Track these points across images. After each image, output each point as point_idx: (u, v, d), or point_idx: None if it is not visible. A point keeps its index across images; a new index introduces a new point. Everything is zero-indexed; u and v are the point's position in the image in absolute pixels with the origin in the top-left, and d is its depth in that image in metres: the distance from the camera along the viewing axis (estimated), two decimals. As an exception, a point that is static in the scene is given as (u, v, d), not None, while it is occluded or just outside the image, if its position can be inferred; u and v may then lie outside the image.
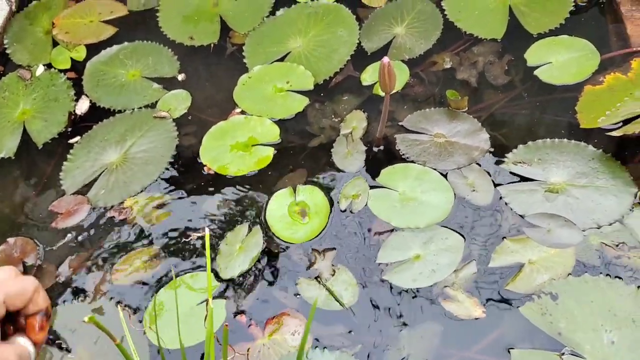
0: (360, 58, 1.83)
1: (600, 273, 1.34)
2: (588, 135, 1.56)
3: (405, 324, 1.34)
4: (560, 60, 1.70)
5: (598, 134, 1.55)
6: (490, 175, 1.52)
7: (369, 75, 1.77)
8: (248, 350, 1.33)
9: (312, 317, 1.00)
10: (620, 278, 1.33)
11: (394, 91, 1.72)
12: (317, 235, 1.49)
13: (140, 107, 1.81)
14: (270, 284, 1.44)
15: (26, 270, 1.53)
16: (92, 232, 1.58)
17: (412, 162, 1.58)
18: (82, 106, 1.84)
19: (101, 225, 1.59)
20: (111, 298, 1.46)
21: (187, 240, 1.51)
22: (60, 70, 1.94)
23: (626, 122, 1.54)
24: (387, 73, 1.35)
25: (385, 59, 1.33)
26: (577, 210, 1.43)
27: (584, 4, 1.83)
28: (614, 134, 1.49)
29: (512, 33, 1.79)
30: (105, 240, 1.56)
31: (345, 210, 1.53)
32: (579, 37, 1.73)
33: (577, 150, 1.52)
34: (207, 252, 0.90)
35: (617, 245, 1.38)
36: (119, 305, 1.41)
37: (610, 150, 1.52)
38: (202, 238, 1.50)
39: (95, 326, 0.82)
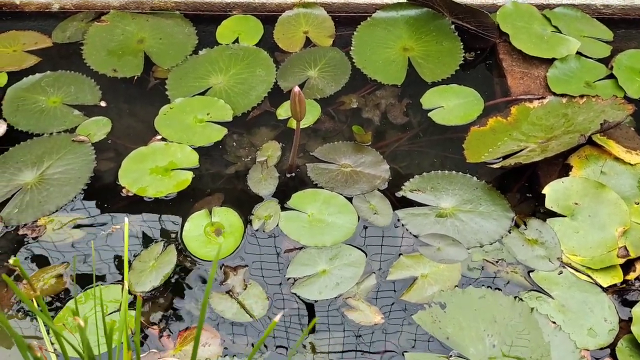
0: (277, 96, 1.98)
1: (483, 285, 1.51)
2: (473, 168, 1.77)
3: (311, 332, 1.44)
4: (450, 105, 1.94)
5: (481, 168, 1.77)
6: (389, 201, 1.69)
7: (284, 111, 1.92)
8: (158, 360, 1.37)
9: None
10: (499, 289, 1.51)
11: (306, 126, 1.89)
12: (232, 253, 1.58)
13: (60, 132, 1.85)
14: (183, 298, 1.50)
15: None
16: (3, 249, 1.58)
17: (321, 187, 1.72)
18: (-1, 129, 1.86)
19: (13, 243, 1.59)
20: (19, 311, 1.46)
21: (110, 230, 1.56)
22: (-21, 95, 1.96)
23: (505, 158, 1.77)
24: (298, 101, 1.51)
25: (296, 88, 1.49)
26: (463, 231, 1.61)
27: (472, 59, 2.10)
28: (494, 166, 1.71)
29: (410, 80, 2.02)
30: (16, 257, 1.56)
31: (258, 230, 1.63)
32: (467, 86, 1.98)
33: (464, 181, 1.72)
34: (126, 241, 0.97)
35: (496, 262, 1.56)
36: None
37: (492, 181, 1.73)
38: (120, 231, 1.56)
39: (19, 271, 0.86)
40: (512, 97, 1.96)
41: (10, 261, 0.86)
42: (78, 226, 1.63)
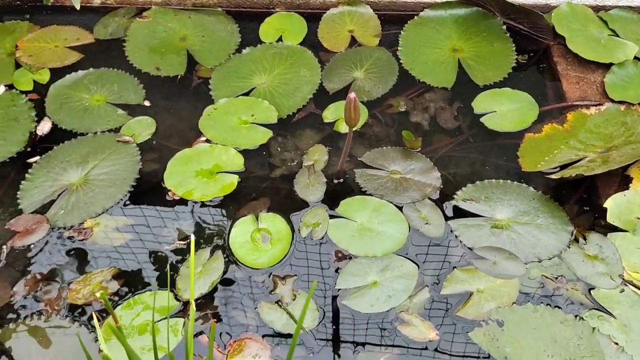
0: (322, 97, 1.93)
1: (542, 303, 1.45)
2: (528, 177, 1.70)
3: (362, 347, 1.39)
4: (503, 110, 1.87)
5: (537, 177, 1.70)
6: (441, 210, 1.63)
7: (331, 113, 1.87)
8: (208, 372, 1.34)
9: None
10: (559, 307, 1.44)
11: (353, 129, 1.83)
12: (280, 261, 1.54)
13: (104, 131, 1.83)
14: (232, 307, 1.47)
15: (-24, 288, 1.48)
16: (50, 251, 1.56)
17: (370, 195, 1.67)
18: (44, 127, 1.83)
19: (60, 245, 1.57)
20: (66, 316, 1.44)
21: (175, 245, 1.53)
22: (22, 92, 1.94)
23: (563, 167, 1.70)
24: (353, 108, 1.45)
25: (352, 94, 1.44)
26: (520, 244, 1.55)
27: (525, 61, 2.02)
28: (553, 176, 1.64)
29: (461, 83, 1.95)
30: (63, 260, 1.54)
31: (306, 238, 1.58)
32: (520, 91, 1.91)
33: (520, 190, 1.66)
34: (192, 256, 0.93)
35: (556, 278, 1.50)
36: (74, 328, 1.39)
37: (549, 191, 1.66)
38: (184, 246, 1.52)
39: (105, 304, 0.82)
40: (568, 103, 1.88)
41: (97, 294, 0.82)
42: (125, 229, 1.60)
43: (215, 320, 1.39)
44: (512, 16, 2.07)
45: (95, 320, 1.12)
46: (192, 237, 1.01)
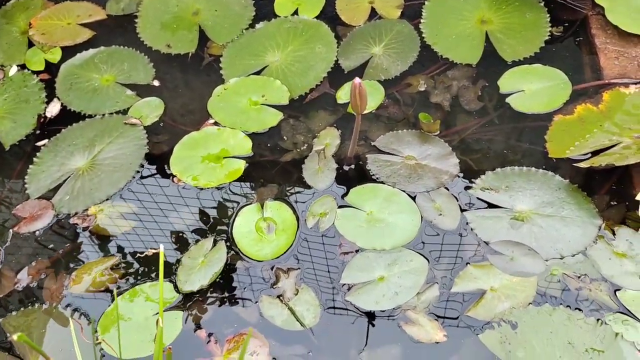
0: (337, 76, 1.83)
1: (561, 304, 1.35)
2: (556, 164, 1.57)
3: (365, 347, 1.33)
4: (532, 89, 1.72)
5: (566, 164, 1.57)
6: (457, 200, 1.53)
7: (345, 94, 1.77)
8: (205, 367, 1.32)
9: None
10: (580, 310, 1.34)
11: (369, 110, 1.74)
12: (284, 253, 1.48)
13: (112, 113, 1.79)
14: (232, 300, 1.43)
15: (-17, 275, 1.49)
16: (54, 238, 1.55)
17: (382, 182, 1.58)
18: (53, 109, 1.81)
19: (64, 232, 1.56)
20: (67, 306, 1.43)
21: (145, 253, 1.49)
22: (34, 72, 1.91)
23: (595, 153, 1.56)
24: (359, 94, 1.35)
25: (357, 80, 1.33)
26: (541, 239, 1.44)
27: (560, 34, 1.85)
28: (582, 165, 1.51)
29: (487, 59, 1.80)
30: (66, 248, 1.53)
31: (312, 228, 1.52)
32: (553, 67, 1.75)
33: (545, 179, 1.53)
34: (161, 270, 0.88)
35: (579, 277, 1.39)
36: (71, 319, 1.37)
37: (577, 180, 1.53)
38: (157, 254, 1.48)
39: (27, 344, 0.80)
40: (605, 81, 1.71)
41: (15, 337, 0.78)
42: (127, 217, 1.58)
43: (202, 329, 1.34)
44: (548, -17, 1.89)
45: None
46: (162, 248, 0.95)
